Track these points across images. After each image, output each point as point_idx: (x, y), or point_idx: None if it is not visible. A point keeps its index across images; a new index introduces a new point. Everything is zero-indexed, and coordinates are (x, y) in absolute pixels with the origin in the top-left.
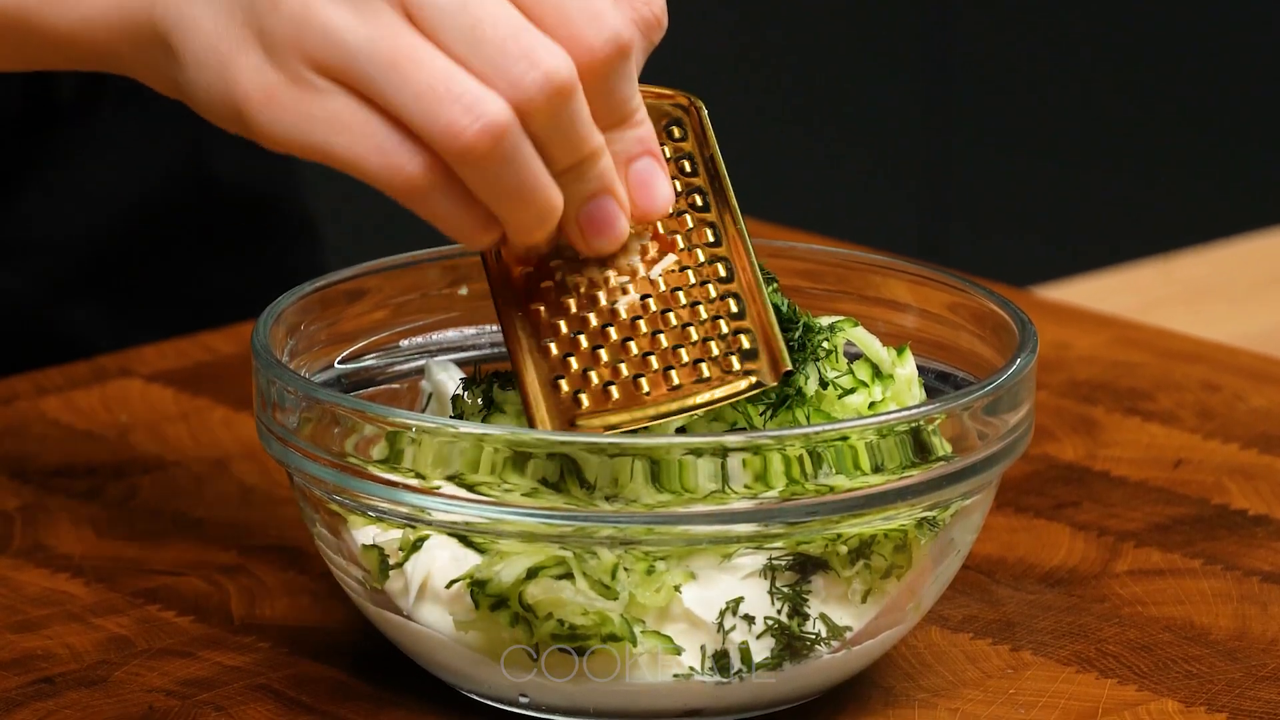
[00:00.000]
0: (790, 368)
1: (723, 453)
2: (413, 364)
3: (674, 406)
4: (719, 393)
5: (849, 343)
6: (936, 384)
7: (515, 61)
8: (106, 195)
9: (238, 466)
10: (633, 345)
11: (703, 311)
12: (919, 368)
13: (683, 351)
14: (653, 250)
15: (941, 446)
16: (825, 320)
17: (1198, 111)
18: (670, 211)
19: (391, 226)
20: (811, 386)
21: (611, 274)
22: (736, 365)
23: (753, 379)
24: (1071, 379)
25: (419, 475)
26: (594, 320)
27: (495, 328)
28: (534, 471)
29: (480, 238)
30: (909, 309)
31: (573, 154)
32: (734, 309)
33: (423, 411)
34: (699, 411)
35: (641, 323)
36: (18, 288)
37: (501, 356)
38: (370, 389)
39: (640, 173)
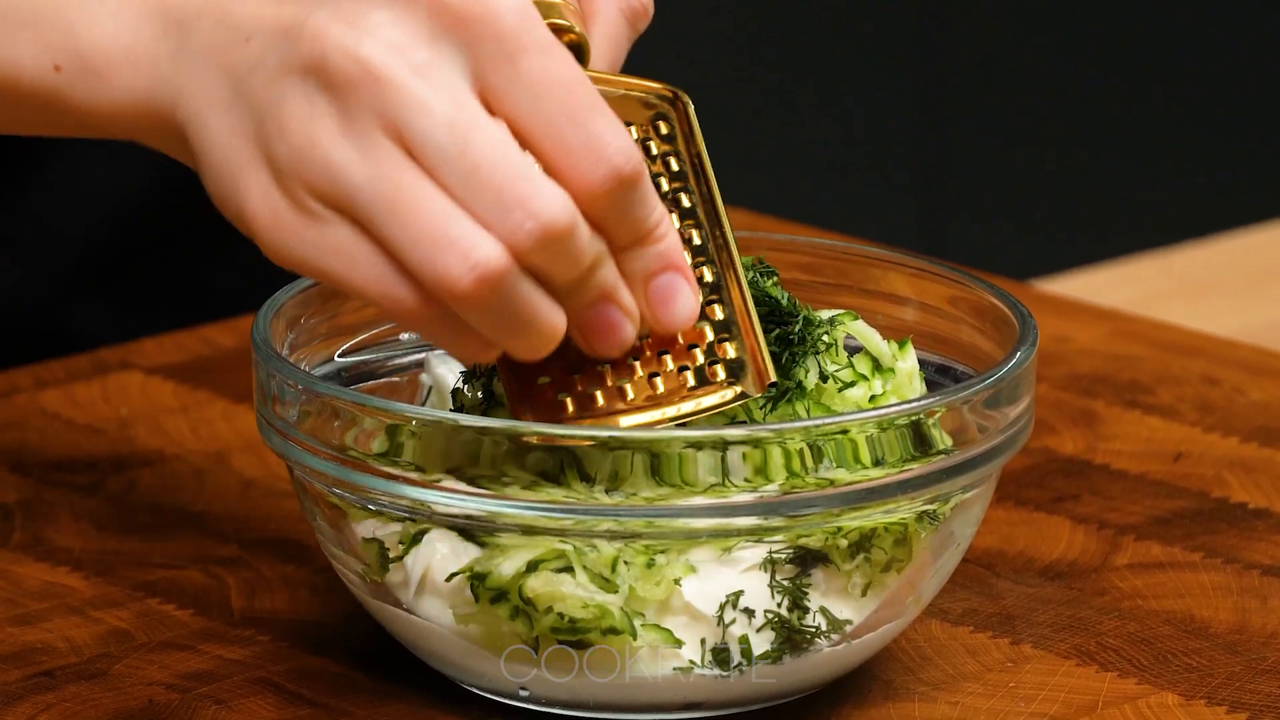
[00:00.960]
0: (774, 380)
1: (723, 446)
2: (412, 357)
3: (656, 416)
4: (702, 402)
5: (849, 336)
6: (936, 377)
7: (511, 211)
8: (109, 190)
9: (238, 460)
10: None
11: None
12: (919, 361)
13: (667, 358)
14: None
15: (941, 440)
16: (825, 314)
17: (1197, 105)
18: (693, 324)
19: None
20: (811, 380)
21: None
22: (721, 374)
23: (737, 389)
24: (1071, 372)
25: (419, 468)
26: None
27: None
28: (534, 464)
29: (480, 359)
30: (909, 302)
31: (569, 275)
32: (719, 316)
33: (423, 405)
34: (680, 421)
35: None
36: (20, 284)
37: None
38: (370, 382)
39: (660, 289)
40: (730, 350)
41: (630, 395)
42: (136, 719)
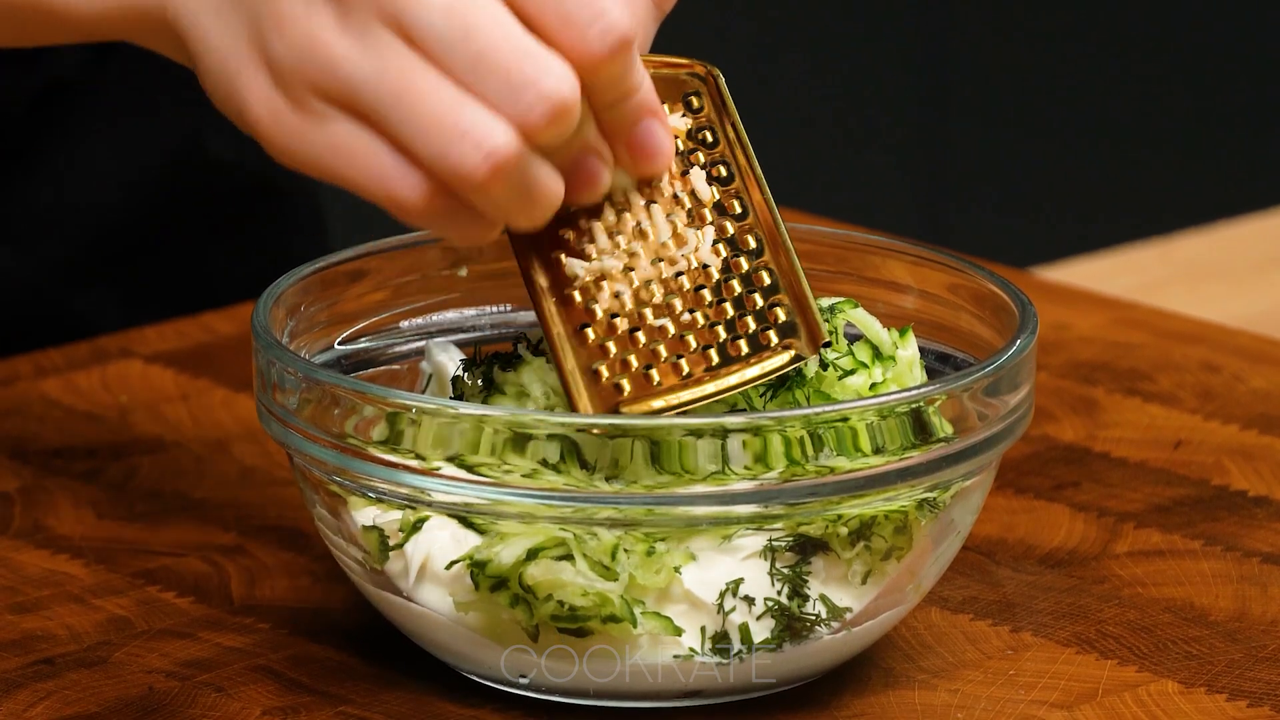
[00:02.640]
0: (828, 339)
1: (723, 434)
2: (413, 345)
3: (715, 387)
4: (759, 369)
5: (849, 324)
6: (936, 365)
7: (521, 92)
8: (111, 179)
9: (238, 447)
10: (669, 326)
11: (736, 286)
12: (919, 349)
13: (719, 329)
14: (681, 226)
15: (942, 427)
16: (825, 301)
17: (1198, 93)
18: (671, 164)
19: None
20: (811, 368)
21: (643, 254)
22: (774, 339)
23: (791, 353)
24: (1071, 360)
25: (419, 456)
26: (629, 303)
27: (495, 309)
28: (534, 453)
29: (483, 241)
30: (909, 290)
31: (567, 141)
32: (767, 281)
33: (423, 393)
34: (741, 389)
35: (677, 302)
36: (23, 271)
37: (502, 338)
38: (370, 370)
39: (640, 134)
40: (781, 314)
41: (686, 370)
42: (136, 706)
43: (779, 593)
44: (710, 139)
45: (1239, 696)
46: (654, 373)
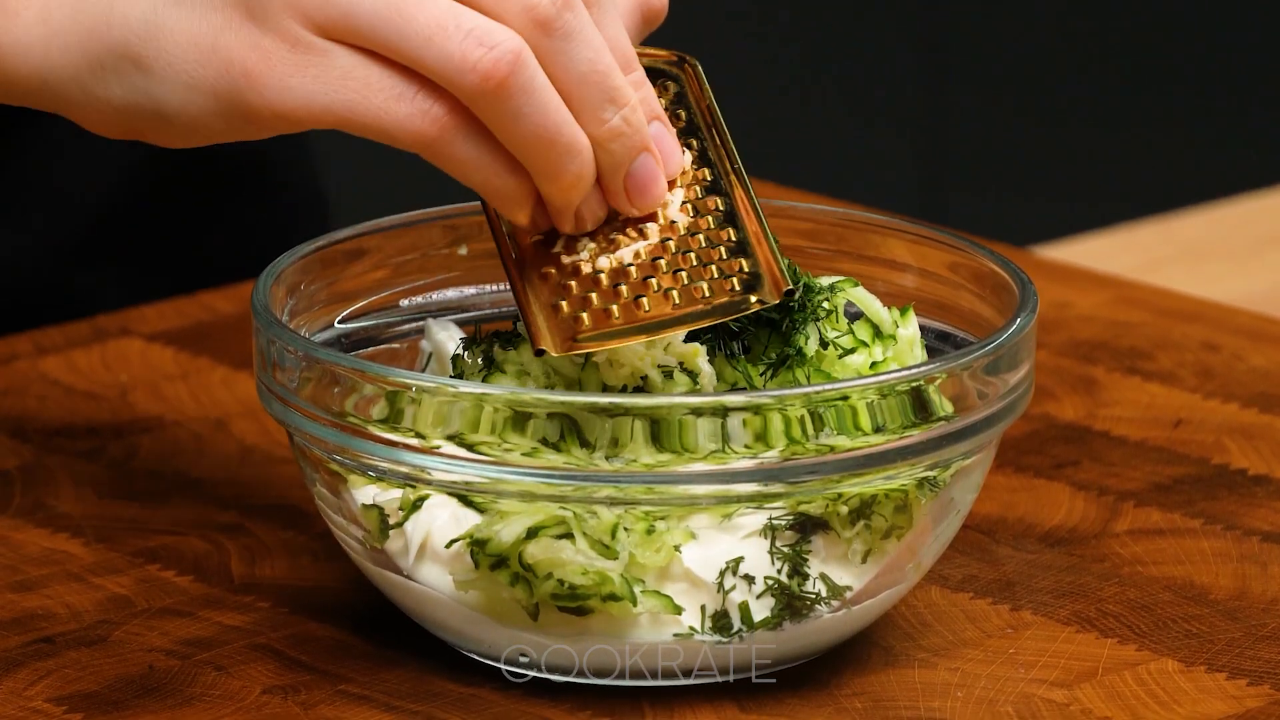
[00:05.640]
0: (791, 286)
1: (723, 412)
2: (413, 323)
3: (673, 324)
4: (721, 308)
5: (849, 303)
6: (936, 344)
7: None
8: (111, 158)
9: (238, 426)
10: (633, 270)
11: (702, 240)
12: (919, 327)
13: (683, 274)
14: None
15: (942, 406)
16: (825, 280)
17: (1198, 71)
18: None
19: (397, 191)
20: (812, 347)
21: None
22: (737, 286)
23: (754, 297)
24: (1071, 338)
25: (419, 435)
26: (593, 248)
27: (495, 287)
28: (534, 431)
29: (508, 184)
30: (909, 269)
31: (589, 70)
32: (733, 238)
33: (422, 371)
34: (700, 325)
35: (641, 250)
36: (22, 251)
37: (502, 317)
38: (370, 348)
39: (634, 175)
40: (745, 265)
41: (647, 308)
42: (136, 685)
43: (779, 571)
44: (683, 116)
45: (1239, 675)
46: (614, 309)
